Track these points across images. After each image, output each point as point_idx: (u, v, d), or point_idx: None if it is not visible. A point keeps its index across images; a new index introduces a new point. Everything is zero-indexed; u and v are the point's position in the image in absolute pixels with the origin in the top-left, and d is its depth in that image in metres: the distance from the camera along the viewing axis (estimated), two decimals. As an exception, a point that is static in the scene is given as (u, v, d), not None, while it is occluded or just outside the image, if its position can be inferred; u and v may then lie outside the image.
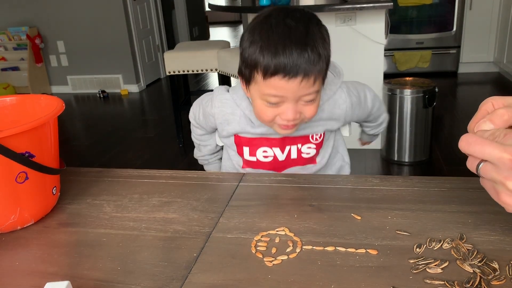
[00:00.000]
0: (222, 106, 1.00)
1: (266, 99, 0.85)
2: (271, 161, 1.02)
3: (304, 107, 0.86)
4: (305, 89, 0.82)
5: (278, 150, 1.01)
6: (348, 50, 2.77)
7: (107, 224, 0.76)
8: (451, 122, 3.39)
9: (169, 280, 0.60)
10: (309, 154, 1.03)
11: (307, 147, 1.01)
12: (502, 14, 4.20)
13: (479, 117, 0.52)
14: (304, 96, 0.84)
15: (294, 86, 0.81)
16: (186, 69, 3.06)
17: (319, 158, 1.05)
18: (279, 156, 1.02)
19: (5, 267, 0.67)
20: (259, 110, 0.89)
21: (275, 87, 0.82)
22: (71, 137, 3.71)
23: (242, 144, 1.02)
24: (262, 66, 0.81)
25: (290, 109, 0.84)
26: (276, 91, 0.83)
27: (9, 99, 0.86)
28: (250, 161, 1.04)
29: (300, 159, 1.03)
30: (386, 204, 0.74)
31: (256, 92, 0.87)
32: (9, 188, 0.71)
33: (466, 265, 0.58)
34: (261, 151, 1.02)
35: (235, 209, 0.77)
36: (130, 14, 4.76)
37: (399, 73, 4.49)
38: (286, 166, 1.03)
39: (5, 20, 4.87)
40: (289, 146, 1.01)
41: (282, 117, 0.86)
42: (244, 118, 0.99)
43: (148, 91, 4.97)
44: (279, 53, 0.79)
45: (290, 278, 0.59)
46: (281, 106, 0.85)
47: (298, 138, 1.00)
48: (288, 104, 0.84)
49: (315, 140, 1.01)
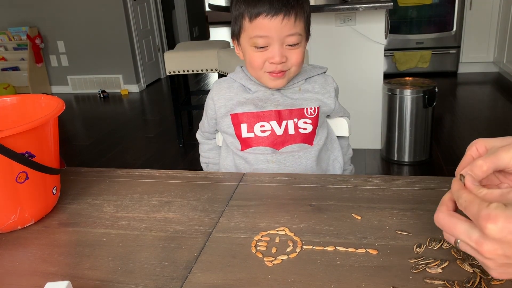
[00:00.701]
0: (219, 84, 1.09)
1: (254, 43, 0.95)
2: (269, 136, 1.04)
3: (290, 52, 0.96)
4: (287, 28, 0.93)
5: (275, 123, 1.03)
6: (348, 50, 2.77)
7: (107, 224, 0.76)
8: (451, 122, 3.39)
9: (169, 280, 0.60)
10: (306, 130, 1.05)
11: (303, 121, 1.05)
12: (502, 14, 4.20)
13: (465, 164, 0.52)
14: (287, 37, 0.94)
15: (277, 24, 0.92)
16: (186, 69, 3.06)
17: (316, 140, 1.07)
18: (277, 130, 1.04)
19: (5, 267, 0.67)
20: (249, 58, 0.98)
21: (260, 27, 0.93)
22: (71, 137, 3.71)
23: (239, 121, 1.05)
24: (248, 11, 0.93)
25: (276, 50, 0.94)
26: (261, 31, 0.93)
27: (9, 99, 0.86)
28: (248, 139, 1.05)
29: (298, 135, 1.05)
30: (386, 204, 0.74)
31: (245, 40, 0.98)
32: (9, 188, 0.71)
33: (466, 265, 0.58)
34: (258, 126, 1.04)
35: (235, 209, 0.77)
36: (130, 14, 4.76)
37: (399, 73, 4.48)
38: (284, 142, 1.05)
39: (5, 20, 4.87)
40: (286, 121, 1.04)
41: (270, 60, 0.95)
42: (241, 88, 1.06)
43: (148, 91, 4.97)
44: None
45: (290, 278, 0.59)
46: (268, 49, 0.95)
47: (294, 111, 1.04)
48: (274, 46, 0.94)
49: (309, 115, 1.05)
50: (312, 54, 2.78)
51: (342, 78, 2.69)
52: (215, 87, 1.09)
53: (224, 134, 1.11)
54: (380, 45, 2.74)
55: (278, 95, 1.04)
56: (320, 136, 1.08)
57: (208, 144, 1.22)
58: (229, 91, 1.07)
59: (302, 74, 1.06)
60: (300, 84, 1.05)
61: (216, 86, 1.09)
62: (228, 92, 1.07)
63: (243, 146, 1.07)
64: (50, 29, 4.86)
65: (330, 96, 1.07)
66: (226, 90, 1.07)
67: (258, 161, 1.05)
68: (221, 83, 1.09)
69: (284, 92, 1.04)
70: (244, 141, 1.06)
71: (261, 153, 1.05)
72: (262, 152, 1.05)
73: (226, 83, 1.09)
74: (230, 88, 1.07)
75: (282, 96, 1.04)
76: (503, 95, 3.91)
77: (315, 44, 2.77)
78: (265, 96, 1.04)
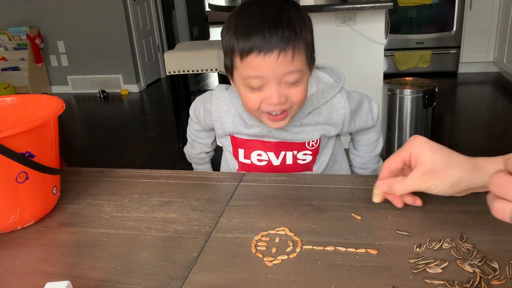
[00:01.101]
0: (218, 103, 1.00)
1: (248, 84, 0.83)
2: (266, 165, 1.01)
3: (290, 90, 0.83)
4: (284, 66, 0.80)
5: (273, 154, 0.99)
6: (348, 50, 2.77)
7: (107, 224, 0.76)
8: (451, 122, 3.39)
9: (169, 280, 0.60)
10: (305, 161, 1.01)
11: (303, 153, 0.99)
12: (502, 14, 4.20)
13: None
14: (285, 75, 0.81)
15: (271, 63, 0.79)
16: (186, 69, 3.06)
17: (316, 166, 1.03)
18: (274, 161, 1.00)
19: (5, 267, 0.67)
20: (244, 98, 0.87)
21: (252, 67, 0.80)
22: (71, 137, 3.71)
23: (238, 145, 1.01)
24: (238, 48, 0.80)
25: (273, 91, 0.81)
26: (254, 71, 0.80)
27: (9, 99, 0.86)
28: (245, 164, 1.03)
29: (296, 165, 1.01)
30: (386, 204, 0.74)
31: (238, 79, 0.86)
32: (9, 188, 0.71)
33: (466, 265, 0.58)
34: (255, 155, 1.00)
35: (235, 209, 0.77)
36: (130, 14, 4.76)
37: (399, 73, 4.48)
38: (281, 172, 1.00)
39: (5, 20, 4.87)
40: (284, 152, 0.99)
41: (267, 102, 0.83)
42: (238, 118, 0.98)
43: (148, 91, 4.97)
44: (251, 32, 0.79)
45: (290, 278, 0.59)
46: (265, 90, 0.82)
47: (294, 144, 0.98)
48: (271, 86, 0.81)
49: (311, 147, 0.99)
50: (312, 54, 2.78)
51: (342, 78, 2.69)
52: (215, 105, 1.00)
53: (224, 148, 1.08)
54: (380, 45, 2.74)
55: (276, 132, 0.95)
56: (321, 161, 1.03)
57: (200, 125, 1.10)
58: (227, 116, 0.98)
59: (305, 107, 0.93)
60: (301, 119, 0.95)
61: (216, 103, 1.00)
62: (226, 118, 0.99)
63: (240, 167, 1.05)
64: (50, 29, 4.86)
65: (336, 126, 0.98)
66: (225, 114, 0.99)
67: None
68: (220, 103, 0.99)
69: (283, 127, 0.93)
70: (241, 164, 1.04)
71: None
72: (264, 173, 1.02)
73: (225, 105, 0.99)
74: (229, 114, 0.98)
75: (280, 133, 0.95)
76: (503, 95, 3.91)
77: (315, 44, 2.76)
78: (262, 133, 0.96)
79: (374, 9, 2.54)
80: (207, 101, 1.04)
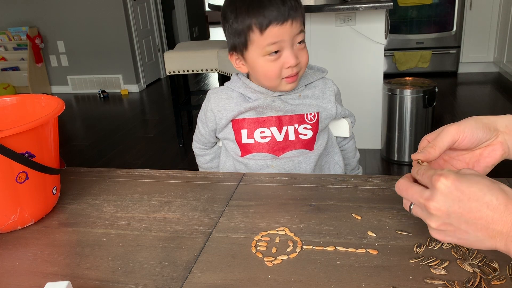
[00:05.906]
0: (217, 95, 1.06)
1: (267, 51, 0.94)
2: (269, 142, 1.04)
3: (299, 53, 0.97)
4: (295, 29, 0.94)
5: (276, 129, 1.04)
6: (348, 50, 2.77)
7: (107, 224, 0.76)
8: (451, 122, 3.35)
9: (169, 280, 0.60)
10: (306, 136, 1.05)
11: (304, 127, 1.05)
12: (502, 14, 4.20)
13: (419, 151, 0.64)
14: (296, 36, 0.95)
15: (287, 29, 0.93)
16: (186, 69, 3.06)
17: (317, 145, 1.07)
18: (277, 136, 1.04)
19: (5, 267, 0.67)
20: (264, 70, 0.97)
21: (272, 36, 0.93)
22: (71, 137, 3.71)
23: (240, 127, 1.05)
24: (257, 23, 0.92)
25: (290, 53, 0.95)
26: (274, 38, 0.93)
27: (9, 99, 0.86)
28: (248, 145, 1.05)
29: (298, 141, 1.05)
30: (386, 204, 0.74)
31: (255, 53, 0.96)
32: (9, 188, 0.71)
33: (466, 265, 0.58)
34: (258, 132, 1.04)
35: (235, 209, 0.77)
36: (130, 14, 4.76)
37: (399, 73, 4.48)
38: (284, 148, 1.05)
39: (5, 20, 4.87)
40: (286, 127, 1.04)
41: (286, 65, 0.95)
42: (240, 97, 1.04)
43: (148, 91, 4.97)
44: (266, 7, 0.91)
45: (290, 278, 0.59)
46: (282, 56, 0.95)
47: (294, 116, 1.04)
48: (287, 50, 0.95)
49: (310, 120, 1.05)
50: (312, 54, 2.77)
51: (342, 78, 2.69)
52: (213, 99, 1.06)
53: (224, 140, 1.11)
54: (380, 45, 2.74)
55: (279, 102, 1.02)
56: (320, 142, 1.08)
57: (209, 154, 1.20)
58: (228, 102, 1.04)
59: (302, 80, 1.05)
60: (300, 90, 1.05)
61: (214, 97, 1.06)
62: (228, 103, 1.04)
63: (243, 152, 1.06)
64: (50, 29, 4.85)
65: (330, 101, 1.07)
66: (226, 101, 1.05)
67: (258, 166, 1.05)
68: (219, 93, 1.07)
69: (284, 98, 1.03)
70: (244, 147, 1.06)
71: (261, 159, 1.05)
72: (262, 158, 1.05)
73: (224, 93, 1.06)
74: (230, 99, 1.05)
75: (282, 103, 1.03)
76: (503, 95, 3.91)
77: (315, 44, 2.77)
78: (265, 103, 1.02)
79: (374, 9, 2.53)
80: (205, 104, 1.09)
